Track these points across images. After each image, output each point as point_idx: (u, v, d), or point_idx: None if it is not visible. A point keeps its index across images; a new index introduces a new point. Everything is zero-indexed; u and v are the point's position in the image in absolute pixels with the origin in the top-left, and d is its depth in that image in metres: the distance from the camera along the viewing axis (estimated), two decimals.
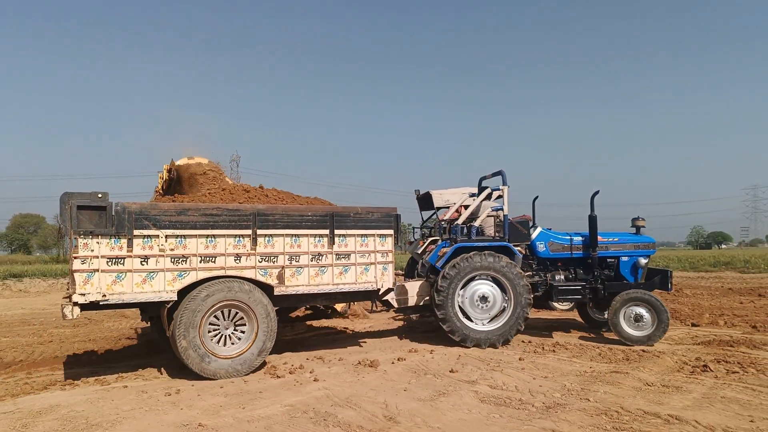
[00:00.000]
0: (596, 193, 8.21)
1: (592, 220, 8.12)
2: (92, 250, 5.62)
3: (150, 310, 6.48)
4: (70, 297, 5.62)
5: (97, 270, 5.62)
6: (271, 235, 6.41)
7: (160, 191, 9.36)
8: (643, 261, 8.27)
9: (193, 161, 9.16)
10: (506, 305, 7.66)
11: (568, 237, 8.38)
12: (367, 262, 6.94)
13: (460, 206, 9.07)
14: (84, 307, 5.62)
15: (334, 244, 6.72)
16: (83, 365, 6.87)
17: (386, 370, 6.17)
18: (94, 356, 7.51)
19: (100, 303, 5.65)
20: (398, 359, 6.66)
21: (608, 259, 8.41)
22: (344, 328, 9.68)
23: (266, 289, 6.36)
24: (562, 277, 8.40)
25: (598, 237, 8.26)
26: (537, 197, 9.59)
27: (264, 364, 6.39)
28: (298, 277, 6.55)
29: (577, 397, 4.99)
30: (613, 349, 7.20)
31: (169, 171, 9.21)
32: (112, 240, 5.70)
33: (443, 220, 9.00)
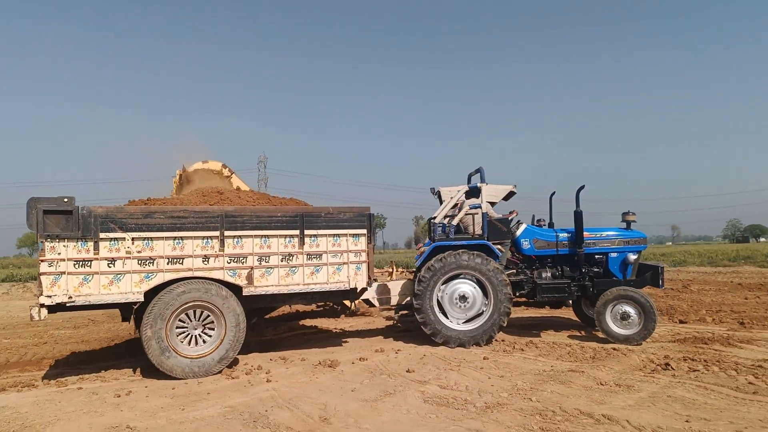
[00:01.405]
0: (581, 188, 8.04)
1: (578, 216, 7.95)
2: (59, 253, 5.72)
3: (125, 311, 6.58)
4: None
5: (64, 272, 5.73)
6: (239, 236, 6.44)
7: (175, 195, 9.51)
8: (632, 257, 8.06)
9: (206, 165, 9.41)
10: (485, 309, 7.55)
11: (554, 234, 8.22)
12: (339, 262, 6.92)
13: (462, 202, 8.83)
14: (51, 308, 5.73)
15: (304, 244, 6.72)
16: (64, 366, 7.00)
17: (343, 370, 6.16)
18: (80, 356, 7.68)
19: (67, 305, 5.76)
20: (360, 359, 6.64)
21: (596, 256, 8.22)
22: (328, 327, 9.68)
23: (235, 289, 6.39)
24: (549, 274, 8.24)
25: (586, 233, 8.08)
26: (554, 193, 9.36)
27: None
28: (267, 278, 6.57)
29: (522, 396, 4.92)
30: (585, 347, 7.08)
31: (180, 176, 9.37)
32: (79, 243, 5.80)
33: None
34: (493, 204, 8.55)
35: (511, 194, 8.53)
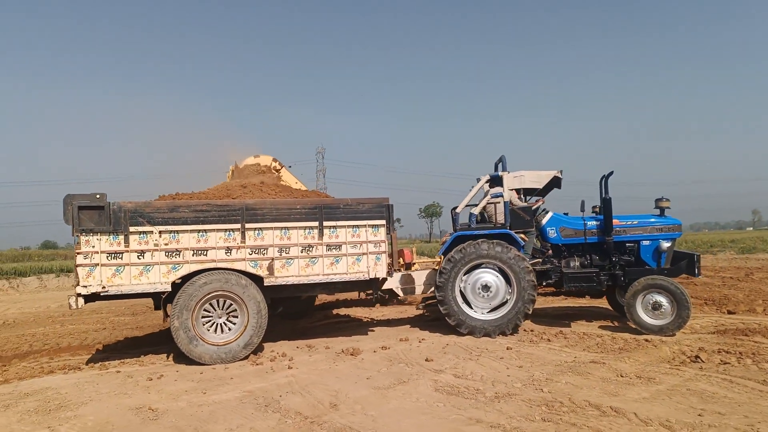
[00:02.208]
0: (610, 174, 7.79)
1: (606, 203, 7.71)
2: (93, 246, 6.15)
3: (156, 300, 6.98)
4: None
5: (98, 264, 6.16)
6: (260, 228, 6.68)
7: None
8: (665, 245, 7.73)
9: (257, 159, 9.80)
10: (509, 297, 7.49)
11: (582, 221, 8.02)
12: (359, 252, 7.05)
13: (511, 190, 8.71)
14: (87, 298, 6.17)
15: (323, 235, 6.89)
16: (111, 351, 7.52)
17: (364, 358, 6.28)
18: (128, 342, 8.20)
19: (101, 294, 6.19)
20: (382, 348, 6.74)
21: (627, 244, 7.96)
22: (360, 317, 9.86)
23: (256, 279, 6.65)
24: (578, 263, 8.06)
25: (615, 220, 7.84)
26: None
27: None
28: (288, 268, 6.79)
29: (534, 387, 4.87)
30: (616, 338, 6.88)
31: (233, 171, 9.83)
32: (111, 236, 6.21)
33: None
34: (533, 191, 8.40)
35: (556, 180, 8.32)
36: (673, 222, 7.86)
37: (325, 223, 6.91)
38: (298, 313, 9.72)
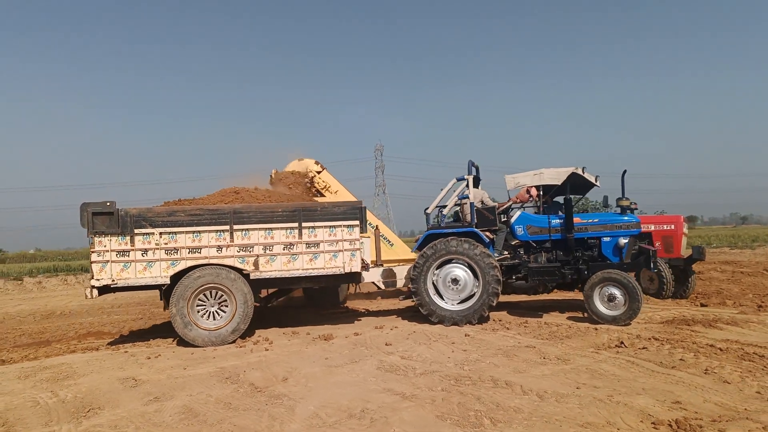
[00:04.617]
0: (574, 173, 8.35)
1: (567, 203, 8.31)
2: (104, 246, 7.30)
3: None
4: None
5: (109, 261, 7.30)
6: (246, 229, 7.67)
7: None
8: (623, 241, 8.26)
9: (301, 163, 11.14)
10: (476, 291, 8.19)
11: (547, 220, 8.62)
12: (335, 250, 7.93)
13: (530, 187, 9.19)
14: (100, 290, 7.32)
15: (302, 234, 7.82)
16: (132, 337, 8.63)
17: (334, 342, 7.14)
18: (153, 329, 9.34)
19: (111, 286, 7.33)
20: (354, 334, 7.58)
21: (589, 240, 8.52)
22: (357, 308, 10.78)
23: (244, 274, 7.63)
24: (545, 259, 8.68)
25: (576, 219, 8.43)
26: (626, 171, 9.04)
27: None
28: (272, 264, 7.76)
29: (460, 366, 5.54)
30: (572, 327, 7.43)
31: (271, 177, 11.05)
32: (119, 237, 7.34)
33: (514, 202, 9.47)
34: (552, 187, 8.70)
35: (575, 176, 8.56)
36: (630, 220, 8.37)
37: (305, 224, 7.82)
38: (322, 304, 10.83)
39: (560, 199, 9.84)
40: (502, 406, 4.29)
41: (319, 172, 11.15)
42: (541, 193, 9.01)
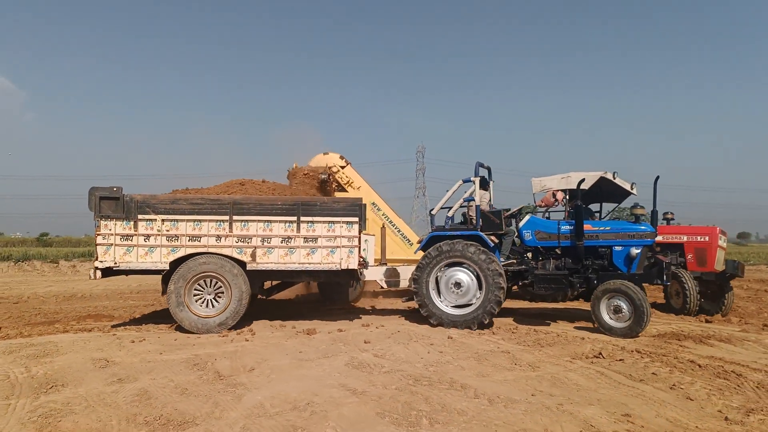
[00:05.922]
0: (581, 181, 8.00)
1: (578, 209, 7.97)
2: (110, 230, 7.59)
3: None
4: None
5: (113, 244, 7.58)
6: (246, 220, 7.79)
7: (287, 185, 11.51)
8: (635, 251, 7.85)
9: (327, 157, 11.34)
10: (479, 295, 7.96)
11: (556, 225, 8.31)
12: (333, 246, 7.94)
13: (557, 191, 9.00)
14: (103, 272, 7.60)
15: (300, 229, 7.86)
16: (132, 322, 8.83)
17: (315, 337, 7.14)
18: (157, 314, 9.58)
19: (114, 269, 7.61)
20: (338, 330, 7.57)
21: (600, 249, 8.14)
22: (362, 306, 10.76)
23: (242, 266, 7.74)
24: (553, 266, 8.36)
25: (587, 226, 8.08)
26: (658, 177, 8.65)
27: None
28: (269, 256, 7.84)
29: (427, 368, 5.45)
30: (561, 335, 7.23)
31: (289, 171, 11.36)
32: (124, 222, 7.61)
33: (539, 206, 9.32)
34: (581, 191, 8.32)
35: (605, 182, 8.41)
36: (645, 229, 7.94)
37: (303, 218, 7.87)
38: (333, 300, 10.88)
39: (595, 206, 9.58)
40: (447, 408, 4.19)
41: (343, 167, 11.24)
42: (567, 197, 8.69)
